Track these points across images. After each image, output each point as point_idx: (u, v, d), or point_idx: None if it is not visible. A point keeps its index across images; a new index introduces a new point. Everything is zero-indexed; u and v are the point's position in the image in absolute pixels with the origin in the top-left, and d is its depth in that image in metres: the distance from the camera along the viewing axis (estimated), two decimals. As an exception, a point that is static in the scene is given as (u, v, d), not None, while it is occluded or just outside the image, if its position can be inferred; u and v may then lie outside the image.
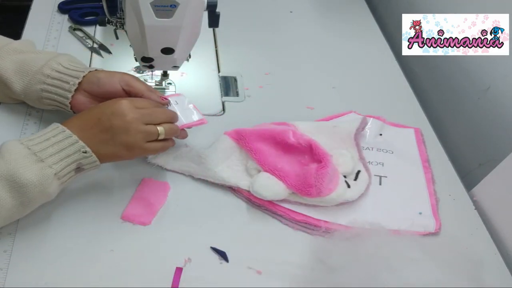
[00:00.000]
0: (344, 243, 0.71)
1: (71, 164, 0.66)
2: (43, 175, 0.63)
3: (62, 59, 0.78)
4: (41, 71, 0.76)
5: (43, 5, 1.11)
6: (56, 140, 0.65)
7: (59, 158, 0.64)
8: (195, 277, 0.67)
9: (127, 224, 0.72)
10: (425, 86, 1.12)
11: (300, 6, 1.24)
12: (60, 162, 0.64)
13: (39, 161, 0.63)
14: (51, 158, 0.64)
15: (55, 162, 0.64)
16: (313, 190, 0.74)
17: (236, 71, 1.03)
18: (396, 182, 0.83)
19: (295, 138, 0.81)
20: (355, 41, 1.16)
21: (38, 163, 0.63)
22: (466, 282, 0.68)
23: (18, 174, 0.62)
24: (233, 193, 0.79)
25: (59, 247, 0.68)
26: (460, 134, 1.02)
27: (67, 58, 0.79)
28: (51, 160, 0.64)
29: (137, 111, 0.69)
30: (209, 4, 0.77)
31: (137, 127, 0.68)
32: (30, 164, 0.63)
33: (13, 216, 0.65)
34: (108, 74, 0.77)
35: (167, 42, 0.79)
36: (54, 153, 0.64)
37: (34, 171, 0.62)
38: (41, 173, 0.63)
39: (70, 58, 0.80)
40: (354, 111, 0.96)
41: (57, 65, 0.77)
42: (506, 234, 0.78)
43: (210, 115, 0.92)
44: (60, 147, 0.65)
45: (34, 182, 0.62)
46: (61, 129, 0.66)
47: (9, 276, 0.64)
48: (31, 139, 0.65)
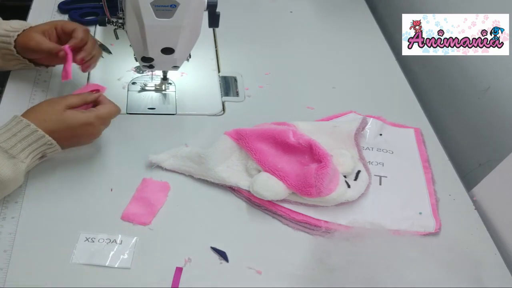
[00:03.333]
0: (344, 243, 0.71)
1: (38, 155, 0.72)
2: (17, 170, 0.69)
3: (12, 22, 0.87)
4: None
5: (43, 5, 1.11)
6: (23, 135, 0.70)
7: (28, 152, 0.70)
8: (195, 277, 0.67)
9: (127, 224, 0.72)
10: (425, 86, 1.12)
11: (300, 6, 1.24)
12: (29, 155, 0.70)
13: (11, 157, 0.68)
14: (22, 153, 0.69)
15: (26, 156, 0.70)
16: (313, 190, 0.74)
17: (236, 71, 1.03)
18: (396, 182, 0.83)
19: (295, 138, 0.81)
20: (355, 41, 1.16)
21: (11, 159, 0.68)
22: (466, 282, 0.68)
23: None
24: (233, 193, 0.79)
25: (59, 247, 0.68)
26: (460, 134, 1.02)
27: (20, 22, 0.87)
28: (22, 155, 0.69)
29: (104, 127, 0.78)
30: (209, 4, 0.77)
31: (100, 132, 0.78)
32: (5, 161, 0.68)
33: None
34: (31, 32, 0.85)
35: (167, 42, 0.79)
36: (24, 148, 0.70)
37: (10, 168, 0.68)
38: (15, 168, 0.68)
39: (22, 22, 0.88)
40: (354, 111, 0.96)
41: (7, 26, 0.85)
42: (506, 234, 0.78)
43: (210, 115, 0.93)
44: (28, 143, 0.70)
45: (11, 177, 0.68)
46: (26, 123, 0.70)
47: (9, 276, 0.64)
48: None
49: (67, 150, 0.78)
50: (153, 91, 0.95)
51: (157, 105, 0.93)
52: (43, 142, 0.71)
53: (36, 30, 0.85)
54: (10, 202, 0.73)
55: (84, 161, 0.80)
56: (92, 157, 0.81)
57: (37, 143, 0.70)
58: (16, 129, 0.70)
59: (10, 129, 0.70)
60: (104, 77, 0.95)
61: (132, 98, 0.93)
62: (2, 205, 0.72)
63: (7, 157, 0.68)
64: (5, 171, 0.67)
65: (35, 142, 0.70)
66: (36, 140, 0.70)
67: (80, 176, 0.78)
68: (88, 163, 0.80)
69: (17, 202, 0.73)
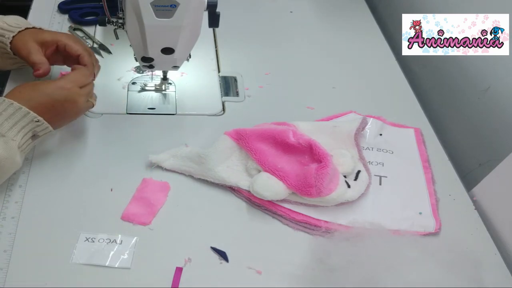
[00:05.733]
0: (344, 243, 0.71)
1: (27, 133, 0.71)
2: (9, 148, 0.69)
3: (8, 18, 0.85)
4: None
5: (43, 5, 1.11)
6: (8, 114, 0.70)
7: (17, 130, 0.70)
8: (195, 277, 0.68)
9: (127, 224, 0.72)
10: (425, 86, 1.12)
11: (300, 6, 1.24)
12: (18, 133, 0.70)
13: (0, 136, 0.68)
14: (10, 131, 0.69)
15: (15, 134, 0.70)
16: (313, 190, 0.74)
17: (236, 71, 1.03)
18: (396, 182, 0.83)
19: (295, 138, 0.81)
20: (355, 41, 1.16)
21: (0, 137, 0.68)
22: (466, 282, 0.68)
23: None
24: (233, 193, 0.79)
25: (59, 247, 0.68)
26: (460, 134, 1.02)
27: (14, 18, 0.86)
28: (11, 133, 0.69)
29: (83, 93, 0.77)
30: (209, 4, 0.77)
31: (84, 105, 0.78)
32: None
33: None
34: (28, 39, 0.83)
35: (167, 42, 0.79)
36: (11, 126, 0.70)
37: (2, 146, 0.68)
38: (7, 147, 0.69)
39: (17, 18, 0.87)
40: (354, 111, 0.96)
41: (2, 24, 0.84)
42: (506, 234, 0.78)
43: (210, 115, 0.93)
44: (14, 120, 0.70)
45: (5, 156, 0.68)
46: (8, 102, 0.70)
47: (9, 276, 0.64)
48: None
49: (67, 150, 0.79)
50: (153, 91, 0.95)
51: (157, 105, 0.93)
52: (30, 119, 0.71)
53: (36, 38, 0.83)
54: (10, 202, 0.73)
55: (84, 161, 0.80)
56: (92, 157, 0.81)
57: (23, 120, 0.70)
58: (1, 109, 0.70)
59: None
60: (104, 77, 0.95)
61: (132, 98, 0.93)
62: (2, 205, 0.72)
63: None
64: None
65: (22, 120, 0.70)
66: (22, 117, 0.70)
67: (80, 176, 0.78)
68: (88, 163, 0.80)
69: (17, 202, 0.73)
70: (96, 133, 0.84)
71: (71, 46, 0.83)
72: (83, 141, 0.82)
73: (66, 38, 0.84)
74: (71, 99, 0.75)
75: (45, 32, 0.86)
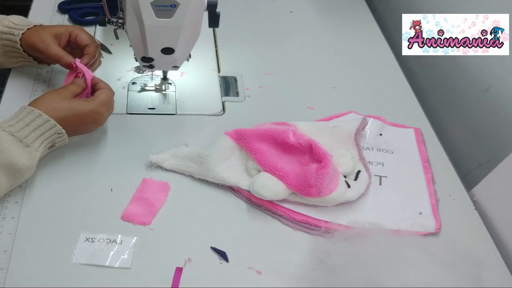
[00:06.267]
0: (344, 243, 0.71)
1: (48, 144, 0.74)
2: (33, 158, 0.71)
3: (12, 17, 0.87)
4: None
5: (43, 5, 1.11)
6: (36, 125, 0.71)
7: (41, 141, 0.72)
8: (195, 277, 0.68)
9: (127, 224, 0.72)
10: (425, 86, 1.12)
11: (300, 6, 1.24)
12: (41, 144, 0.72)
13: (26, 146, 0.70)
14: (35, 142, 0.71)
15: (39, 145, 0.72)
16: (313, 190, 0.74)
17: (236, 71, 1.03)
18: (396, 182, 0.83)
19: (295, 138, 0.81)
20: (355, 41, 1.16)
21: (25, 148, 0.70)
22: (466, 282, 0.68)
23: (15, 161, 0.68)
24: (233, 193, 0.79)
25: (59, 247, 0.68)
26: (460, 134, 1.02)
27: (18, 17, 0.88)
28: (36, 144, 0.71)
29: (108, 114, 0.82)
30: (209, 4, 0.77)
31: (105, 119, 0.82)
32: (20, 150, 0.69)
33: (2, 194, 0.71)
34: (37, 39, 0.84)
35: (167, 42, 0.79)
36: (37, 137, 0.71)
37: (26, 156, 0.70)
38: (31, 157, 0.70)
39: (21, 18, 0.89)
40: (354, 111, 0.96)
41: (8, 22, 0.85)
42: (506, 234, 0.78)
43: (210, 115, 0.93)
44: (41, 131, 0.72)
45: (28, 166, 0.70)
46: (38, 113, 0.72)
47: (9, 276, 0.64)
48: (11, 125, 0.71)
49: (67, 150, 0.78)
50: (153, 91, 0.95)
51: (157, 105, 0.93)
52: (54, 131, 0.73)
53: (50, 31, 0.85)
54: (10, 202, 0.73)
55: (84, 161, 0.80)
56: (92, 157, 0.81)
57: (49, 132, 0.72)
58: (29, 119, 0.71)
59: (22, 119, 0.71)
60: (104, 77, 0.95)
61: (132, 98, 0.93)
62: (2, 205, 0.72)
63: (22, 146, 0.69)
64: (23, 160, 0.69)
65: (48, 131, 0.72)
66: (49, 129, 0.72)
67: (80, 176, 0.78)
68: (88, 163, 0.80)
69: (17, 202, 0.73)
70: (96, 133, 0.84)
71: (82, 35, 0.86)
72: (83, 141, 0.82)
73: (77, 28, 0.87)
74: (99, 121, 0.80)
75: (55, 25, 0.88)
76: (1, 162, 0.67)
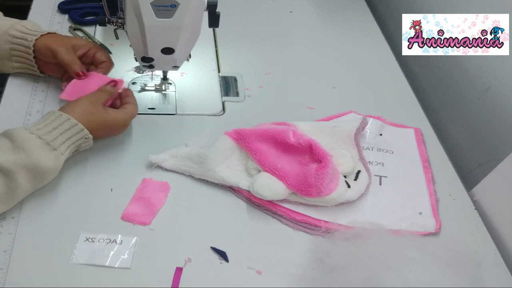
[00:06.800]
0: (344, 243, 0.71)
1: (74, 148, 0.74)
2: (58, 162, 0.71)
3: (25, 22, 0.88)
4: (7, 32, 0.85)
5: (43, 5, 1.11)
6: (64, 128, 0.72)
7: (68, 145, 0.73)
8: (195, 277, 0.68)
9: (127, 224, 0.72)
10: (425, 86, 1.12)
11: (300, 6, 1.24)
12: (68, 148, 0.73)
13: (52, 149, 0.70)
14: (62, 146, 0.72)
15: (66, 149, 0.72)
16: (313, 190, 0.74)
17: (236, 71, 1.03)
18: (396, 182, 0.83)
19: (295, 138, 0.81)
20: (355, 41, 1.16)
21: (52, 151, 0.70)
22: (466, 282, 0.68)
23: (41, 164, 0.68)
24: (233, 193, 0.79)
25: (59, 247, 0.68)
26: (460, 134, 1.02)
27: (31, 23, 0.89)
28: (63, 148, 0.72)
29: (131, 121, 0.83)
30: (209, 4, 0.77)
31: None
32: (47, 154, 0.70)
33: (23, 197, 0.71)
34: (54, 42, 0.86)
35: (167, 42, 0.80)
36: (64, 141, 0.72)
37: (52, 160, 0.70)
38: (56, 160, 0.71)
39: (33, 23, 0.89)
40: (354, 111, 0.96)
41: (21, 27, 0.86)
42: (506, 234, 0.78)
43: (210, 115, 0.93)
44: (68, 135, 0.72)
45: (52, 169, 0.70)
46: (66, 117, 0.73)
47: (9, 276, 0.64)
48: (39, 129, 0.71)
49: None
50: (153, 91, 0.95)
51: (157, 105, 0.93)
52: (82, 136, 0.74)
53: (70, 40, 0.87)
54: (10, 202, 0.73)
55: (84, 161, 0.80)
56: (92, 157, 0.81)
57: (76, 136, 0.73)
58: (57, 123, 0.72)
59: (50, 123, 0.72)
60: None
61: (132, 98, 0.93)
62: (2, 205, 0.72)
63: (49, 149, 0.70)
64: (48, 163, 0.69)
65: (75, 135, 0.73)
66: (76, 133, 0.73)
67: (80, 176, 0.78)
68: (88, 163, 0.80)
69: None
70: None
71: (101, 53, 0.88)
72: (83, 141, 0.82)
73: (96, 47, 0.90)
74: (123, 129, 0.82)
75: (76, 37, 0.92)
76: (26, 164, 0.67)
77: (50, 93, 0.90)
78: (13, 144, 0.68)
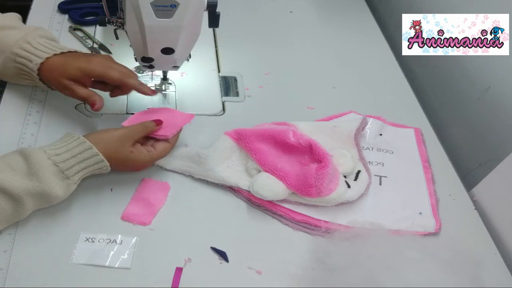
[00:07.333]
0: (344, 243, 0.71)
1: (88, 174, 0.72)
2: (68, 191, 0.69)
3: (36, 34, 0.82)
4: (11, 50, 0.80)
5: (43, 5, 1.11)
6: (83, 157, 0.69)
7: (82, 174, 0.70)
8: (195, 277, 0.68)
9: (127, 224, 0.72)
10: (425, 86, 1.12)
11: (300, 6, 1.24)
12: (82, 177, 0.71)
13: (66, 178, 0.68)
14: (76, 175, 0.69)
15: (79, 178, 0.70)
16: (313, 190, 0.74)
17: (236, 71, 1.03)
18: (396, 182, 0.83)
19: (295, 138, 0.81)
20: (355, 41, 1.16)
21: (65, 180, 0.68)
22: (466, 282, 0.68)
23: (50, 192, 0.67)
24: (233, 193, 0.79)
25: (59, 247, 0.68)
26: (460, 134, 1.02)
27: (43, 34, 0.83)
28: (77, 177, 0.69)
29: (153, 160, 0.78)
30: (209, 4, 0.77)
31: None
32: (59, 182, 0.67)
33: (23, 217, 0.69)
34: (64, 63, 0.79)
35: (167, 42, 0.79)
36: (80, 170, 0.69)
37: (63, 188, 0.68)
38: (67, 189, 0.69)
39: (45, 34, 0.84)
40: (354, 111, 0.96)
41: (27, 46, 0.80)
42: (506, 234, 0.78)
43: (210, 115, 0.93)
44: (85, 165, 0.70)
45: (61, 197, 0.69)
46: (88, 146, 0.69)
47: (9, 276, 0.64)
48: (58, 154, 0.68)
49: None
50: (153, 91, 0.95)
51: (157, 105, 0.93)
52: (100, 167, 0.71)
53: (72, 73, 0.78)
54: (10, 202, 0.73)
55: (84, 161, 0.80)
56: (92, 157, 0.81)
57: (93, 167, 0.71)
58: (77, 150, 0.69)
59: (70, 149, 0.69)
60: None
61: (132, 98, 0.93)
62: (2, 205, 0.72)
63: (62, 178, 0.68)
64: (59, 193, 0.67)
65: (93, 166, 0.70)
66: (94, 164, 0.70)
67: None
68: (88, 163, 0.80)
69: (17, 202, 0.73)
70: (96, 133, 0.84)
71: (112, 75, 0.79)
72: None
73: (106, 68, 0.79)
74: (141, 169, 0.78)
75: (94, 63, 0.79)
76: (36, 191, 0.66)
77: (51, 93, 0.90)
78: (28, 168, 0.66)
